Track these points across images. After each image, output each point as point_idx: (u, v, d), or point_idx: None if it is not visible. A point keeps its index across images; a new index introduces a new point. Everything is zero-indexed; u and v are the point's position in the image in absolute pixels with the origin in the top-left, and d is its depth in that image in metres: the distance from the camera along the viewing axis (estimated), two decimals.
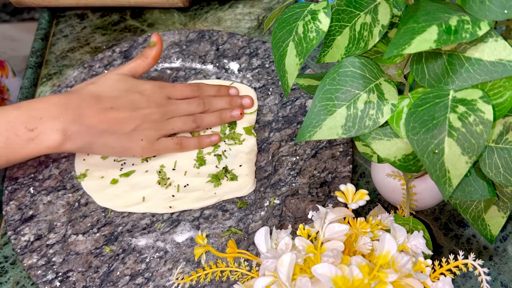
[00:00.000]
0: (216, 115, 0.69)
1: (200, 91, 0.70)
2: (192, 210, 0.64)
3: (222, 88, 0.71)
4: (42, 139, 0.59)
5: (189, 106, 0.67)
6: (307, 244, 0.42)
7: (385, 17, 0.43)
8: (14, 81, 0.99)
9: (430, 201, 0.57)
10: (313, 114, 0.44)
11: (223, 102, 0.70)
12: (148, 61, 0.68)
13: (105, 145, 0.62)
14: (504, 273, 0.57)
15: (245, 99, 0.70)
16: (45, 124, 0.59)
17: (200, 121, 0.68)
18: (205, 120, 0.68)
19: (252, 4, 0.83)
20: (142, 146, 0.64)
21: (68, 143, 0.60)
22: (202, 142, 0.68)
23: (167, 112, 0.66)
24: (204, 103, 0.68)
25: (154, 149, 0.65)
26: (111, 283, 0.60)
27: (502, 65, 0.40)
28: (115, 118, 0.62)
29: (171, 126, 0.66)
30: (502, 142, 0.44)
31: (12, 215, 0.65)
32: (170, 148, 0.66)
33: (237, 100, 0.70)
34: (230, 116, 0.69)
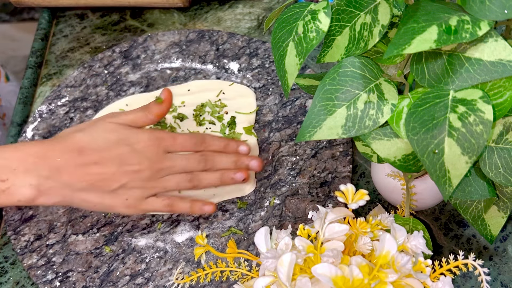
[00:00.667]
0: (217, 176, 0.61)
1: (204, 145, 0.61)
2: None
3: (230, 143, 0.63)
4: (13, 192, 0.54)
5: (188, 163, 0.60)
6: (307, 244, 0.42)
7: (385, 17, 0.43)
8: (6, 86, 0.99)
9: (430, 201, 0.57)
10: (313, 114, 0.44)
11: (228, 161, 0.62)
12: (151, 117, 0.61)
13: (85, 201, 0.57)
14: (504, 273, 0.57)
15: (253, 162, 0.62)
16: (18, 176, 0.54)
17: (198, 181, 0.61)
18: (204, 181, 0.61)
19: (252, 4, 0.83)
20: (127, 205, 0.58)
21: (42, 198, 0.55)
22: (194, 208, 0.61)
23: (160, 170, 0.59)
24: (206, 161, 0.61)
25: (141, 209, 0.59)
26: (111, 283, 0.60)
27: (502, 65, 0.40)
28: (97, 174, 0.56)
29: (163, 185, 0.59)
30: (502, 142, 0.44)
31: (12, 215, 0.65)
32: (159, 210, 0.60)
33: (243, 161, 0.62)
34: (232, 179, 0.61)
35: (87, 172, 0.56)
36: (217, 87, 0.74)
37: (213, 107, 0.71)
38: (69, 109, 0.73)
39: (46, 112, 0.73)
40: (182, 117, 0.71)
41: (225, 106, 0.72)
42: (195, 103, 0.72)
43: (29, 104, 0.77)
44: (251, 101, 0.72)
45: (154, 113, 0.61)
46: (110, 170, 0.56)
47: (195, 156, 0.60)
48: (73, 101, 0.74)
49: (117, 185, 0.57)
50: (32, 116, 0.73)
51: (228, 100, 0.72)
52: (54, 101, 0.74)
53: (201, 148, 0.61)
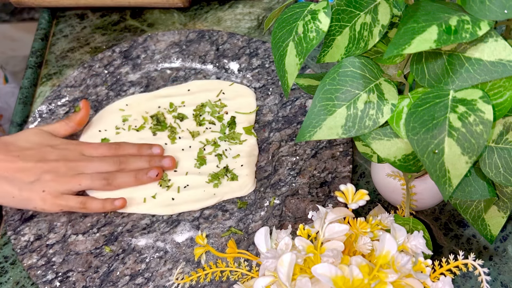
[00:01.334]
0: (131, 175, 0.65)
1: (118, 150, 0.67)
2: (192, 210, 0.64)
3: (143, 147, 0.67)
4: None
5: (101, 163, 0.65)
6: (307, 244, 0.42)
7: (385, 17, 0.43)
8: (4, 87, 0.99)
9: (430, 201, 0.57)
10: (313, 114, 0.44)
11: (141, 161, 0.66)
12: (71, 124, 0.68)
13: (5, 193, 0.61)
14: (504, 273, 0.57)
15: (165, 160, 0.66)
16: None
17: (112, 179, 0.64)
18: (118, 179, 0.64)
19: (252, 4, 0.83)
20: (43, 198, 0.62)
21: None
22: (106, 205, 0.63)
23: (75, 167, 0.63)
24: (120, 162, 0.65)
25: (56, 204, 0.62)
26: (111, 283, 0.60)
27: (502, 65, 0.40)
28: (18, 167, 0.62)
29: (78, 181, 0.63)
30: (502, 142, 0.44)
31: (12, 215, 0.65)
32: (73, 207, 0.63)
33: (156, 161, 0.66)
34: (147, 177, 0.65)
35: (9, 164, 0.62)
36: (217, 87, 0.74)
37: (213, 107, 0.71)
38: (69, 109, 0.73)
39: (46, 112, 0.73)
40: (182, 117, 0.71)
41: (225, 106, 0.72)
42: (195, 103, 0.72)
43: (29, 104, 0.77)
44: (251, 101, 0.72)
45: (74, 121, 0.68)
46: (29, 164, 0.62)
47: (110, 157, 0.66)
48: (73, 101, 0.74)
49: (34, 177, 0.62)
50: (32, 116, 0.73)
51: (228, 100, 0.72)
52: (54, 101, 0.74)
53: (115, 152, 0.67)
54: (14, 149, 0.63)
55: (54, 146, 0.65)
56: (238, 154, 0.67)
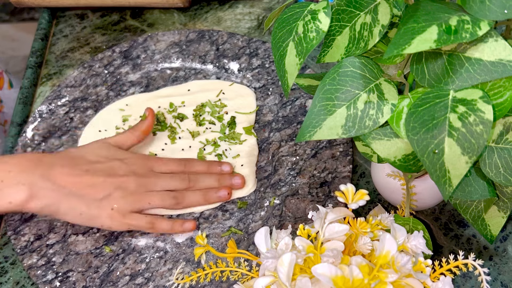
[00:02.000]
0: (201, 194, 0.63)
1: (187, 167, 0.64)
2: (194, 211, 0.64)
3: (213, 164, 0.65)
4: (5, 193, 0.56)
5: (171, 180, 0.62)
6: (307, 244, 0.42)
7: (385, 17, 0.43)
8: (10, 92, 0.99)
9: (430, 201, 0.57)
10: (313, 114, 0.44)
11: (211, 180, 0.64)
12: (137, 134, 0.66)
13: (72, 209, 0.58)
14: (504, 273, 0.57)
15: (235, 179, 0.64)
16: (12, 178, 0.56)
17: (182, 198, 0.62)
18: (187, 198, 0.62)
19: (252, 4, 0.83)
20: (111, 216, 0.59)
21: (33, 202, 0.57)
22: (175, 227, 0.62)
23: (145, 184, 0.61)
24: (189, 179, 0.63)
25: (124, 223, 0.60)
26: (111, 283, 0.60)
27: (502, 65, 0.40)
28: (87, 181, 0.59)
29: (148, 200, 0.60)
30: (502, 142, 0.44)
31: (12, 215, 0.65)
32: (141, 226, 0.61)
33: (226, 180, 0.64)
34: (217, 197, 0.63)
35: (78, 179, 0.58)
36: (217, 87, 0.74)
37: (213, 107, 0.71)
38: (69, 109, 0.73)
39: (46, 112, 0.73)
40: (182, 117, 0.71)
41: (225, 106, 0.72)
42: (195, 103, 0.72)
43: (29, 104, 0.77)
44: (251, 101, 0.72)
45: (140, 130, 0.66)
46: (99, 180, 0.59)
47: (179, 175, 0.63)
48: (73, 101, 0.74)
49: (104, 194, 0.59)
50: (32, 116, 0.73)
51: (228, 100, 0.72)
52: (54, 101, 0.74)
53: (184, 168, 0.64)
54: (82, 162, 0.60)
55: (122, 160, 0.62)
56: (238, 154, 0.67)
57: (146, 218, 0.61)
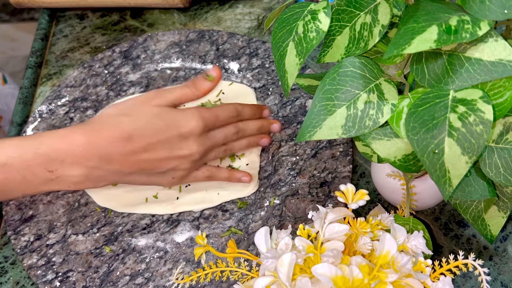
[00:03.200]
0: (246, 142, 0.65)
1: (238, 116, 0.64)
2: (195, 210, 0.64)
3: (257, 109, 0.66)
4: (62, 180, 0.56)
5: (225, 137, 0.62)
6: (307, 244, 0.42)
7: (385, 17, 0.43)
8: (4, 88, 0.99)
9: (430, 201, 0.57)
10: (313, 114, 0.44)
11: (255, 127, 0.65)
12: (198, 93, 0.62)
13: (132, 181, 0.60)
14: (504, 273, 0.57)
15: (274, 126, 0.66)
16: (66, 167, 0.55)
17: (230, 150, 0.64)
18: (235, 148, 0.64)
19: (252, 4, 0.83)
20: (171, 182, 0.61)
21: (91, 184, 0.57)
22: (232, 176, 0.63)
23: (207, 151, 0.60)
24: (238, 131, 0.63)
25: (183, 182, 0.62)
26: (111, 283, 0.60)
27: (502, 65, 0.40)
28: (147, 160, 0.56)
29: (205, 159, 0.62)
30: (502, 142, 0.44)
31: (12, 215, 0.65)
32: (199, 180, 0.63)
33: (267, 126, 0.66)
34: (257, 144, 0.66)
35: (137, 159, 0.56)
36: (217, 87, 0.73)
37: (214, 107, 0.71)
38: (69, 109, 0.73)
39: (46, 112, 0.73)
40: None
41: None
42: (194, 102, 0.72)
43: (29, 104, 0.77)
44: (252, 99, 0.72)
45: (202, 89, 0.62)
46: (159, 156, 0.57)
47: (230, 129, 0.62)
48: (73, 101, 0.74)
49: (166, 168, 0.58)
50: (32, 116, 0.73)
51: (229, 99, 0.72)
52: (54, 101, 0.74)
53: (235, 119, 0.63)
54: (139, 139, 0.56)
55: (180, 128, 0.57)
56: (243, 153, 0.67)
57: (204, 174, 0.62)
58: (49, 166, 0.54)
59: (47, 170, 0.54)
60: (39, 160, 0.54)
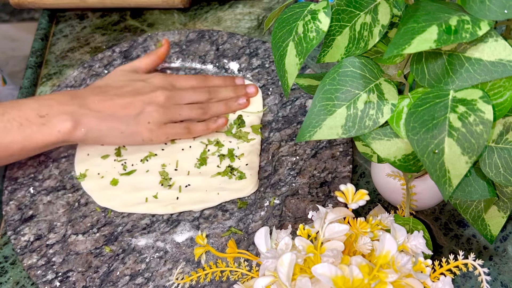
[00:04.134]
0: (223, 103, 0.70)
1: (206, 82, 0.71)
2: (194, 210, 0.64)
3: (227, 78, 0.72)
4: (53, 123, 0.61)
5: (194, 94, 0.68)
6: (307, 244, 0.42)
7: (385, 17, 0.43)
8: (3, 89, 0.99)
9: (430, 201, 0.57)
10: (313, 114, 0.44)
11: (228, 91, 0.71)
12: (153, 57, 0.72)
13: (113, 130, 0.64)
14: (504, 273, 0.57)
15: (249, 87, 0.71)
16: (55, 109, 0.62)
17: (207, 108, 0.68)
18: (212, 108, 0.69)
19: (252, 4, 0.83)
20: (149, 129, 0.65)
21: (78, 129, 0.62)
22: (210, 125, 0.68)
23: (172, 96, 0.67)
24: (209, 92, 0.69)
25: (163, 133, 0.66)
26: (111, 283, 0.60)
27: (502, 65, 0.40)
28: (120, 103, 0.64)
29: (178, 111, 0.67)
30: (502, 142, 0.44)
31: (12, 215, 0.65)
32: (178, 133, 0.67)
33: (242, 89, 0.71)
34: (237, 104, 0.70)
35: (111, 103, 0.64)
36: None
37: None
38: None
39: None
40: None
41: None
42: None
43: None
44: (258, 100, 0.72)
45: (156, 54, 0.72)
46: (129, 99, 0.65)
47: (200, 88, 0.70)
48: None
49: (137, 110, 0.65)
50: None
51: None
52: None
53: (203, 84, 0.71)
54: (110, 89, 0.66)
55: (145, 80, 0.68)
56: (243, 153, 0.67)
57: (181, 125, 0.67)
58: (41, 110, 0.62)
59: (39, 115, 0.61)
60: (31, 106, 0.62)
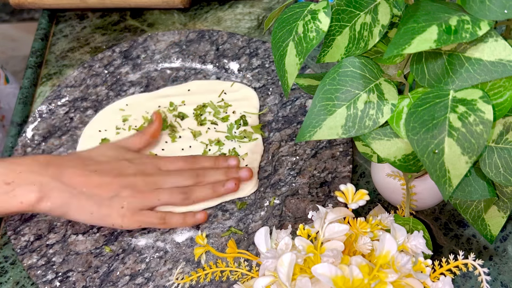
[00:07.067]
0: (209, 187, 0.63)
1: (194, 163, 0.65)
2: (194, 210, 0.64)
3: (219, 159, 0.66)
4: (16, 193, 0.57)
5: (180, 177, 0.63)
6: (307, 244, 0.42)
7: (385, 17, 0.43)
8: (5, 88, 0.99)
9: (430, 201, 0.57)
10: (313, 114, 0.44)
11: (218, 174, 0.64)
12: (146, 137, 0.67)
13: (83, 209, 0.59)
14: (504, 273, 0.57)
15: (242, 172, 0.64)
16: (23, 177, 0.57)
17: (190, 193, 0.63)
18: (196, 193, 0.63)
19: (252, 4, 0.83)
20: (122, 214, 0.60)
21: (44, 202, 0.58)
22: (187, 220, 0.62)
23: (153, 182, 0.62)
24: (197, 175, 0.64)
25: (136, 220, 0.61)
26: (111, 283, 0.60)
27: (502, 65, 0.40)
28: (96, 181, 0.60)
29: (157, 197, 0.61)
30: (502, 142, 0.44)
31: (12, 215, 0.65)
32: (153, 223, 0.61)
33: (233, 173, 0.64)
34: (224, 189, 0.63)
35: (87, 179, 0.60)
36: (218, 88, 0.74)
37: (216, 108, 0.71)
38: (69, 109, 0.73)
39: (46, 112, 0.73)
40: (182, 116, 0.71)
41: (230, 106, 0.71)
42: (195, 102, 0.72)
43: (29, 104, 0.77)
44: (255, 102, 0.72)
45: (148, 133, 0.67)
46: (107, 179, 0.60)
47: (187, 171, 0.64)
48: (73, 101, 0.74)
49: (113, 193, 0.60)
50: (32, 116, 0.73)
51: (231, 100, 0.72)
52: (54, 101, 0.74)
53: (192, 166, 0.65)
54: (91, 163, 0.61)
55: (130, 160, 0.63)
56: (246, 153, 0.67)
57: (157, 214, 0.62)
58: (8, 177, 0.57)
59: (4, 182, 0.57)
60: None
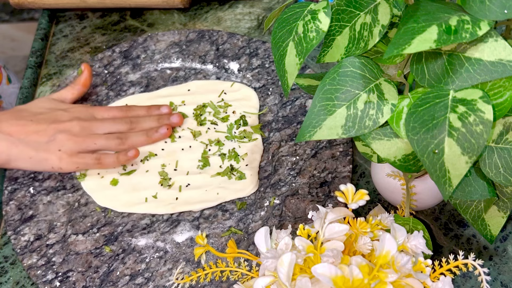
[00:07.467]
0: (143, 133, 0.68)
1: (128, 112, 0.69)
2: (194, 210, 0.64)
3: (152, 108, 0.70)
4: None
5: (114, 123, 0.67)
6: (307, 244, 0.42)
7: (385, 17, 0.43)
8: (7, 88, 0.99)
9: (430, 201, 0.57)
10: (313, 114, 0.44)
11: (151, 121, 0.69)
12: (77, 87, 0.71)
13: (22, 154, 0.63)
14: (504, 273, 0.57)
15: (174, 117, 0.69)
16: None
17: (125, 138, 0.67)
18: (131, 138, 0.67)
19: (252, 4, 0.83)
20: (59, 157, 0.64)
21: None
22: (121, 158, 0.66)
23: (88, 127, 0.66)
24: (131, 122, 0.68)
25: (73, 161, 0.64)
26: (111, 283, 0.60)
27: (502, 65, 0.40)
28: (32, 128, 0.64)
29: (93, 140, 0.65)
30: (502, 142, 0.44)
31: (12, 215, 0.65)
32: (88, 163, 0.65)
33: (165, 119, 0.69)
34: (158, 134, 0.68)
35: (24, 128, 0.64)
36: (218, 88, 0.73)
37: (216, 108, 0.71)
38: None
39: None
40: (182, 116, 0.71)
41: (230, 106, 0.71)
42: (195, 102, 0.72)
43: None
44: (254, 103, 0.72)
45: (79, 83, 0.71)
46: (43, 126, 0.64)
47: (121, 118, 0.68)
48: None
49: (49, 137, 0.64)
50: None
51: (231, 100, 0.72)
52: None
53: (125, 114, 0.69)
54: (27, 114, 0.65)
55: (65, 109, 0.67)
56: (246, 153, 0.67)
57: (93, 155, 0.65)
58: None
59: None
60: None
